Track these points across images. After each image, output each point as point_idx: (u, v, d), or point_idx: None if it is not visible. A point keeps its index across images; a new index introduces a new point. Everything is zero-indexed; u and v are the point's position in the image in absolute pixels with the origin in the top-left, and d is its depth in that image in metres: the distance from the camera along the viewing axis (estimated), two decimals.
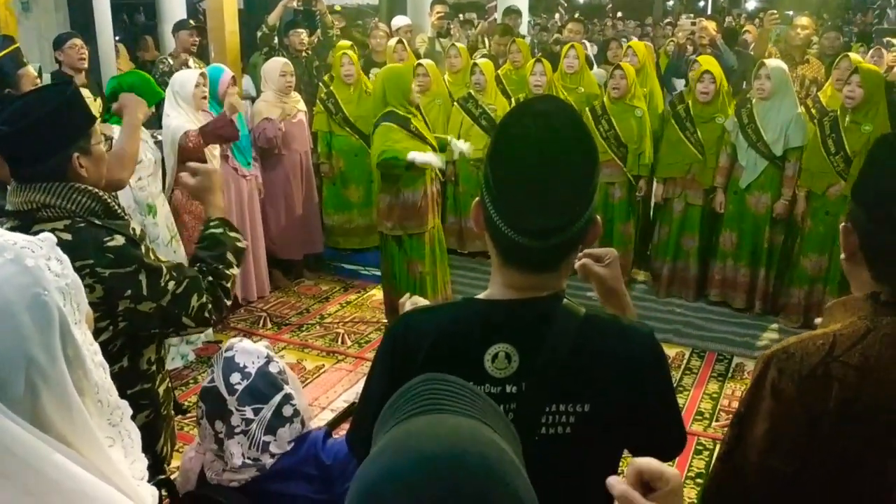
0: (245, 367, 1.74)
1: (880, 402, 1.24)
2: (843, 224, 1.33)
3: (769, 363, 1.32)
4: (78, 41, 5.02)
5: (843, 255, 1.34)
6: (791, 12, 7.55)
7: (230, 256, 1.98)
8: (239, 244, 2.02)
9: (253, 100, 5.47)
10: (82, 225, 1.72)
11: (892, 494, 1.26)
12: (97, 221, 1.74)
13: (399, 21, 7.15)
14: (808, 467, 1.29)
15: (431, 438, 0.71)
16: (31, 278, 0.89)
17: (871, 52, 6.25)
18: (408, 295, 1.81)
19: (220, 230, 2.00)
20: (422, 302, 1.76)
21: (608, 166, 5.12)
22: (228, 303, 1.97)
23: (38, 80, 4.15)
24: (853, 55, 5.07)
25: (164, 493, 1.78)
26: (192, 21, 6.33)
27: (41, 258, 0.92)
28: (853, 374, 1.24)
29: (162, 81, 5.23)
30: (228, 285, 1.96)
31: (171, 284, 1.80)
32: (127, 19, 11.50)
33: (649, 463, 0.95)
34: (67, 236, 1.67)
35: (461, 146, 4.47)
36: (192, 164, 2.05)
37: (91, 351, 0.97)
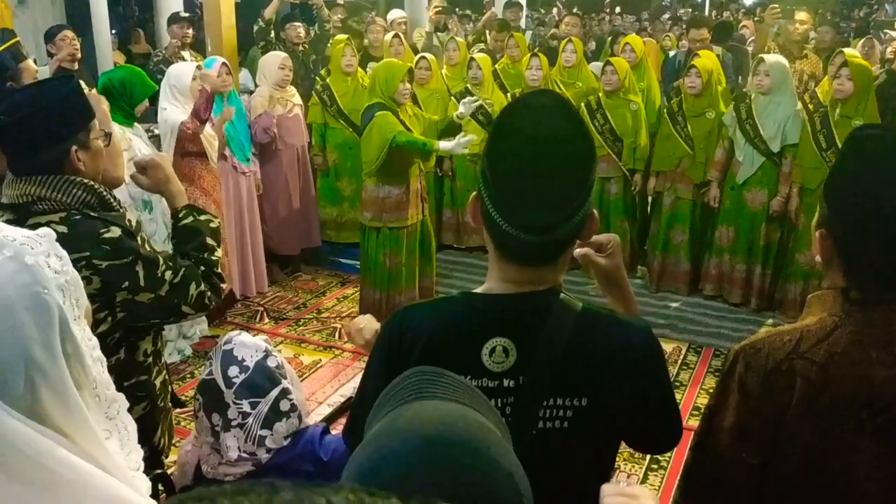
0: (243, 360, 1.74)
1: (844, 398, 1.24)
2: (818, 230, 1.33)
3: (738, 357, 1.34)
4: (69, 33, 4.98)
5: (818, 259, 1.34)
6: (789, 7, 7.54)
7: (209, 241, 1.97)
8: (212, 224, 2.01)
9: (251, 93, 5.46)
10: (78, 217, 1.71)
11: (858, 489, 1.27)
12: (93, 214, 1.74)
13: (393, 14, 7.13)
14: (776, 460, 1.30)
15: (423, 421, 0.73)
16: (31, 276, 0.89)
17: (861, 41, 6.23)
18: (367, 316, 1.83)
19: (190, 219, 1.98)
20: (375, 324, 1.77)
21: (604, 161, 5.13)
22: (224, 285, 1.97)
23: (38, 74, 4.13)
24: (847, 50, 5.07)
25: (160, 487, 1.78)
26: (182, 13, 6.27)
27: (41, 255, 0.91)
28: (817, 370, 1.25)
29: (158, 70, 5.22)
30: (219, 270, 1.96)
31: (168, 274, 1.80)
32: (123, 12, 11.45)
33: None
34: (63, 229, 1.66)
35: (466, 106, 4.28)
36: (139, 160, 2.02)
37: (90, 346, 0.98)
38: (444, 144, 4.08)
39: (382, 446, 0.72)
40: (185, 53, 5.87)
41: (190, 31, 6.01)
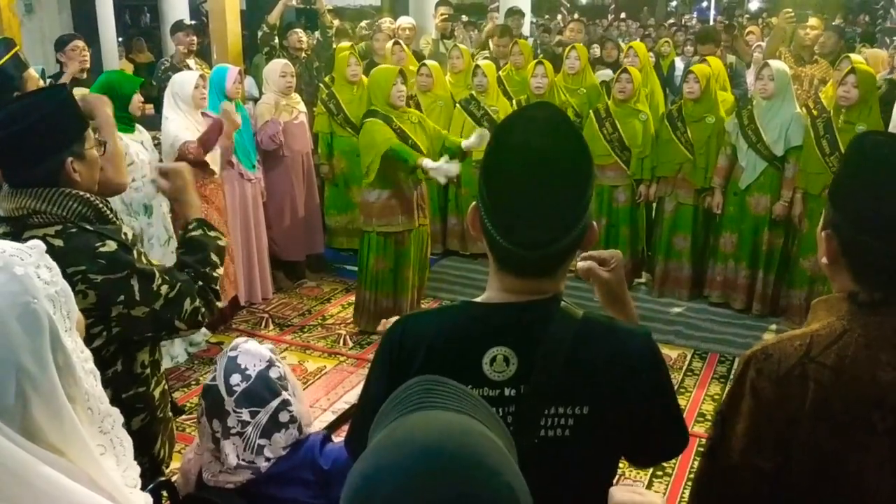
0: (246, 368, 1.74)
1: (855, 400, 1.25)
2: (824, 231, 1.34)
3: (749, 363, 1.34)
4: (80, 43, 5.02)
5: (824, 260, 1.35)
6: (797, 12, 7.51)
7: (213, 257, 1.96)
8: (220, 243, 2.01)
9: (255, 101, 5.48)
10: (74, 231, 1.70)
11: (870, 493, 1.27)
12: (89, 227, 1.72)
13: (401, 21, 7.13)
14: (789, 465, 1.30)
15: (423, 432, 0.73)
16: (20, 286, 0.89)
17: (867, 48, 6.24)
18: (397, 318, 1.84)
19: (199, 232, 1.98)
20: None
21: (612, 169, 5.14)
22: (219, 303, 1.97)
23: (42, 83, 4.15)
24: (854, 56, 5.07)
25: (164, 494, 1.78)
26: (185, 21, 6.31)
27: (30, 266, 0.91)
28: (829, 374, 1.26)
29: (166, 77, 5.25)
30: (216, 287, 1.95)
31: (164, 288, 1.78)
32: (130, 21, 11.52)
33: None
34: (59, 242, 1.65)
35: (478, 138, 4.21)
36: (162, 166, 2.03)
37: (81, 358, 0.97)
38: (428, 163, 4.01)
39: (382, 457, 0.72)
40: (191, 61, 5.90)
41: (195, 39, 6.03)
